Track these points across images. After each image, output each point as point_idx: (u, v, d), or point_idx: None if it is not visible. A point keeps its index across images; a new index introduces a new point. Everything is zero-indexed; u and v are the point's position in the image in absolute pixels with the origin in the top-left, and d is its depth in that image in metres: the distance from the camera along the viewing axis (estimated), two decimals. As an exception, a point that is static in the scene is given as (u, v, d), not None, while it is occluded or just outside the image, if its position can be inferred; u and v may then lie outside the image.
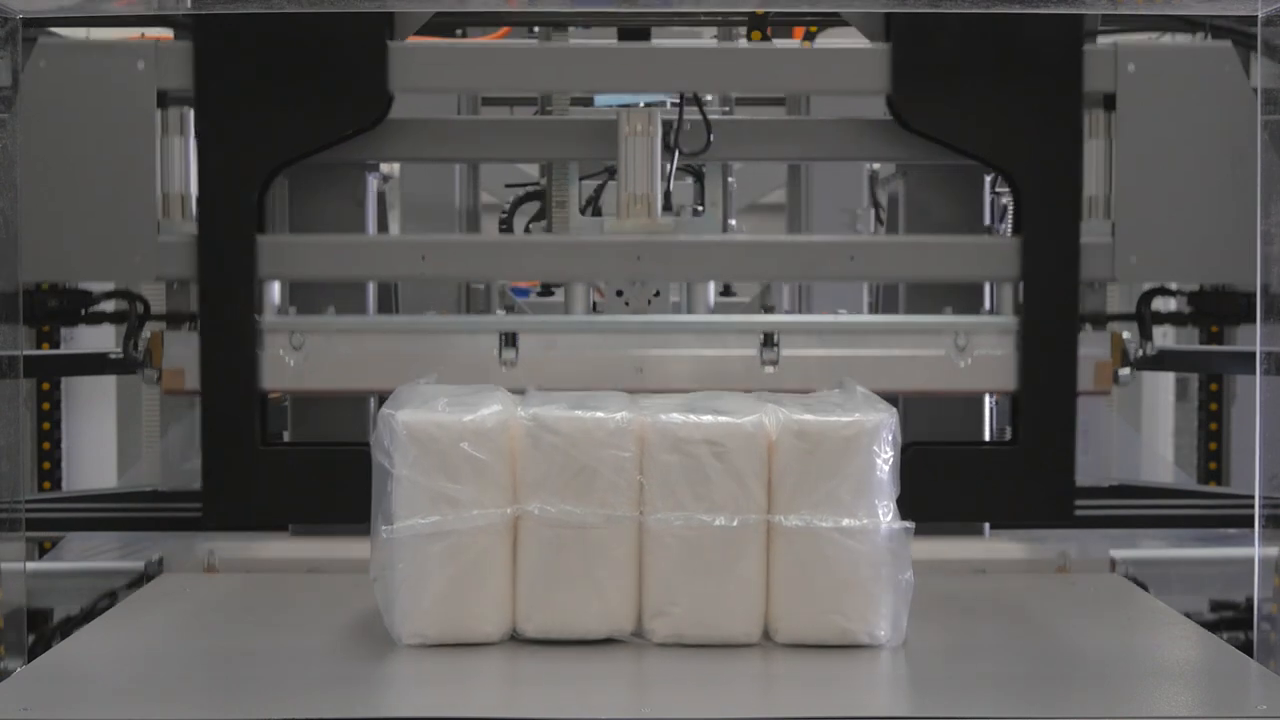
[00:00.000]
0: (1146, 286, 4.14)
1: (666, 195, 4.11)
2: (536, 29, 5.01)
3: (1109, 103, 3.97)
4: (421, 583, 3.29)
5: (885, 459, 3.32)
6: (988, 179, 4.29)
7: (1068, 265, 3.94)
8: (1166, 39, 4.10)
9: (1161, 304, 4.21)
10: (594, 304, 5.29)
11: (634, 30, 4.98)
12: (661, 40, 6.04)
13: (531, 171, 6.38)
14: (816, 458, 3.30)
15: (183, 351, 4.01)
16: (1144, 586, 4.06)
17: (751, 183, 7.44)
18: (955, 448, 4.12)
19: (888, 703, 3.19)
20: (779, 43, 4.19)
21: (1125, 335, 4.04)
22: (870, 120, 4.28)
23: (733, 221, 5.34)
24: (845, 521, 3.29)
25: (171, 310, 4.05)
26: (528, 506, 3.31)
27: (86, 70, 3.90)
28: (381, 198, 5.39)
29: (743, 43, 4.39)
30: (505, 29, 5.97)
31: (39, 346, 7.08)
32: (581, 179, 4.87)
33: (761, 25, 4.11)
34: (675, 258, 4.01)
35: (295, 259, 4.01)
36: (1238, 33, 4.00)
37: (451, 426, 3.30)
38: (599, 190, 4.82)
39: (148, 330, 4.04)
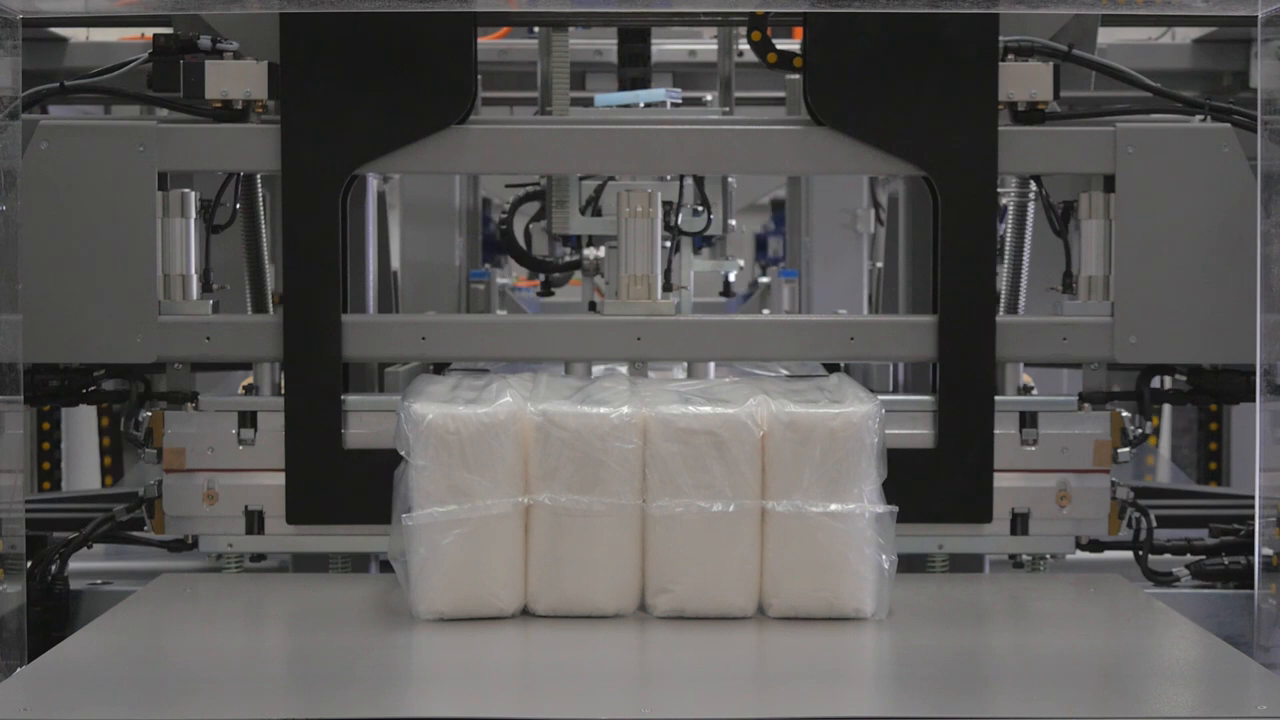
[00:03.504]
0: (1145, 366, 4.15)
1: (666, 274, 4.16)
2: (536, 29, 5.01)
3: (1108, 184, 3.99)
4: (439, 566, 3.49)
5: (870, 448, 3.52)
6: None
7: (983, 265, 3.97)
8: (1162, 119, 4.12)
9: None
10: (592, 303, 5.29)
11: (634, 30, 4.98)
12: (660, 42, 6.06)
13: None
14: (806, 447, 3.51)
15: (183, 431, 4.03)
16: (1146, 514, 4.06)
17: (752, 182, 7.45)
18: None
19: (876, 669, 3.43)
20: (779, 43, 4.18)
21: (1125, 415, 4.06)
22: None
23: (733, 222, 5.34)
24: (833, 506, 3.49)
25: (172, 390, 4.07)
26: (538, 496, 3.52)
27: (88, 152, 3.93)
28: (381, 198, 5.40)
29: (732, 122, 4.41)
30: (505, 29, 5.98)
31: (41, 408, 7.06)
32: (581, 179, 4.87)
33: (761, 25, 4.10)
34: (675, 337, 4.05)
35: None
36: (1238, 113, 4.02)
37: (467, 420, 3.49)
38: (599, 190, 4.82)
39: (148, 410, 4.07)
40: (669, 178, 4.54)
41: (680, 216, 4.48)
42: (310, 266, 3.95)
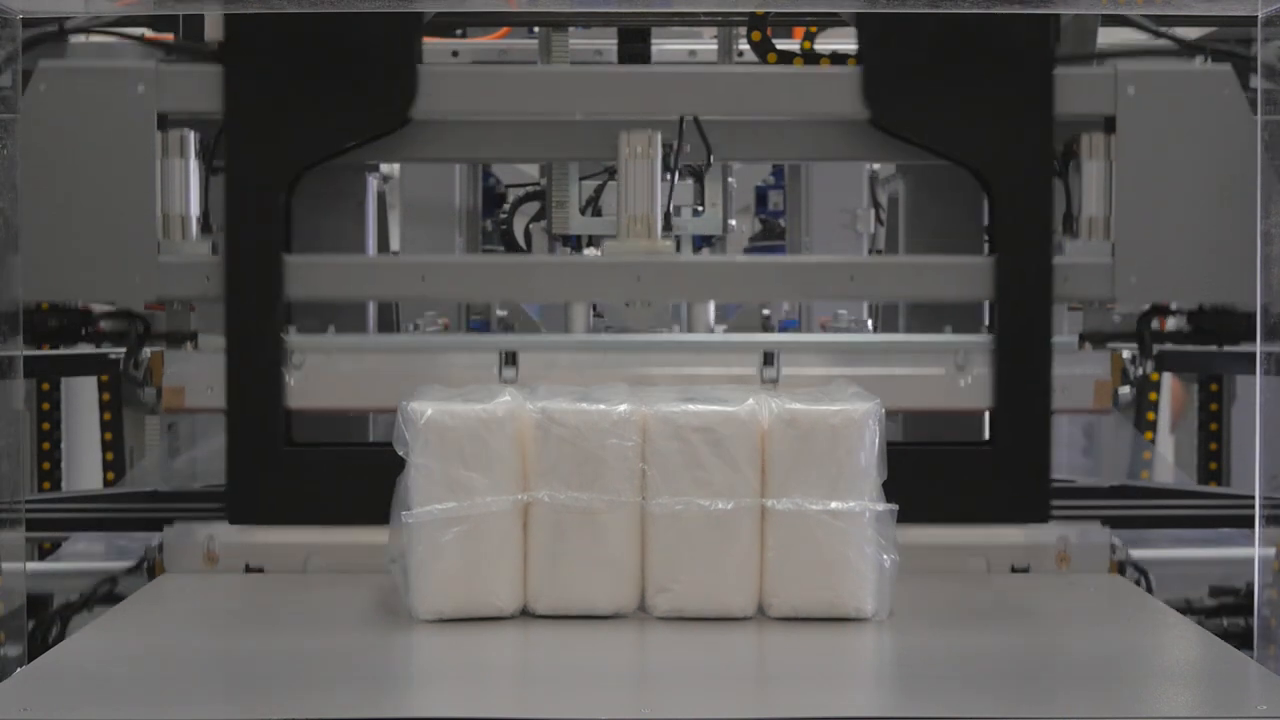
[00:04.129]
0: (1146, 306, 4.14)
1: (666, 216, 4.15)
2: (536, 29, 5.01)
3: (1109, 125, 3.99)
4: (438, 564, 3.49)
5: (871, 446, 3.53)
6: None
7: (1041, 274, 3.94)
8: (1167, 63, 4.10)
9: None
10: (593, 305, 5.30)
11: (634, 30, 4.98)
12: (660, 43, 6.06)
13: (532, 171, 6.38)
14: (806, 444, 3.52)
15: (183, 370, 4.04)
16: (1145, 574, 4.06)
17: (752, 182, 7.44)
18: (930, 448, 4.12)
19: (876, 669, 3.44)
20: (779, 43, 4.19)
21: (1125, 354, 4.05)
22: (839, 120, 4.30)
23: (732, 222, 5.35)
24: (833, 504, 3.50)
25: (171, 330, 4.06)
26: (537, 494, 3.53)
27: (86, 93, 3.92)
28: (381, 198, 5.39)
29: (736, 65, 4.40)
30: (505, 29, 5.97)
31: (39, 346, 7.08)
32: (582, 179, 4.88)
33: (761, 25, 4.10)
34: (675, 278, 4.04)
35: (312, 279, 4.02)
36: (1237, 56, 4.01)
37: (466, 417, 3.51)
38: (599, 190, 4.82)
39: (147, 350, 4.06)
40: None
41: (677, 159, 4.41)
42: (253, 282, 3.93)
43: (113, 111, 3.93)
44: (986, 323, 4.26)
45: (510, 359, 4.00)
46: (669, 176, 4.17)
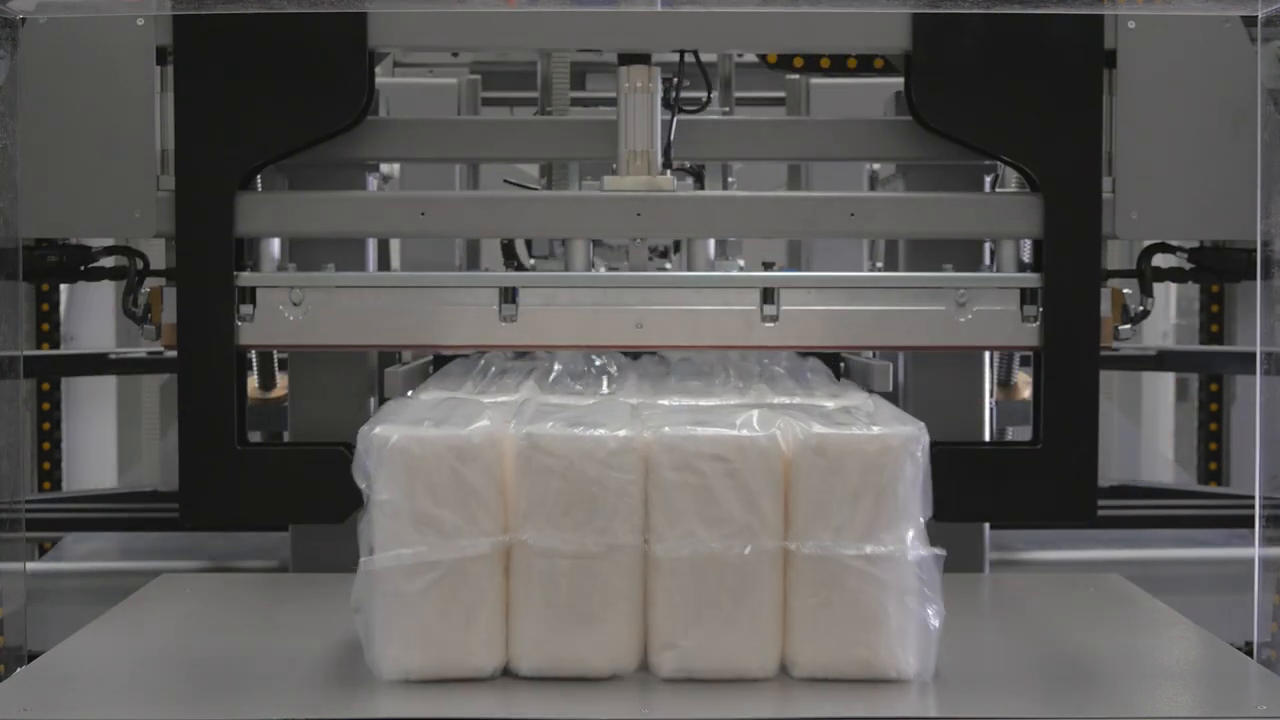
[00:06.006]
0: (1147, 243, 4.13)
1: (666, 152, 4.11)
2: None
3: (1109, 59, 3.96)
4: (406, 617, 3.06)
5: (913, 478, 3.07)
6: (988, 179, 4.29)
7: (1089, 277, 3.93)
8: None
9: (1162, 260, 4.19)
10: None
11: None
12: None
13: (532, 171, 6.38)
14: (838, 476, 3.05)
15: None
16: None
17: (751, 183, 7.44)
18: (973, 448, 4.09)
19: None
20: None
21: (1126, 292, 4.03)
22: (872, 120, 4.28)
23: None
24: (869, 548, 3.06)
25: (171, 266, 4.03)
26: (521, 535, 3.06)
27: (85, 25, 3.90)
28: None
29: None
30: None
31: (39, 346, 7.09)
32: (582, 179, 4.87)
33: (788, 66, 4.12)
34: (675, 213, 4.00)
35: (289, 214, 3.98)
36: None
37: (437, 444, 3.05)
38: (598, 190, 4.81)
39: (147, 286, 4.03)
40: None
41: (677, 94, 4.35)
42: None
43: (112, 45, 3.90)
44: (987, 261, 4.25)
45: (510, 296, 3.93)
46: (669, 115, 4.14)
